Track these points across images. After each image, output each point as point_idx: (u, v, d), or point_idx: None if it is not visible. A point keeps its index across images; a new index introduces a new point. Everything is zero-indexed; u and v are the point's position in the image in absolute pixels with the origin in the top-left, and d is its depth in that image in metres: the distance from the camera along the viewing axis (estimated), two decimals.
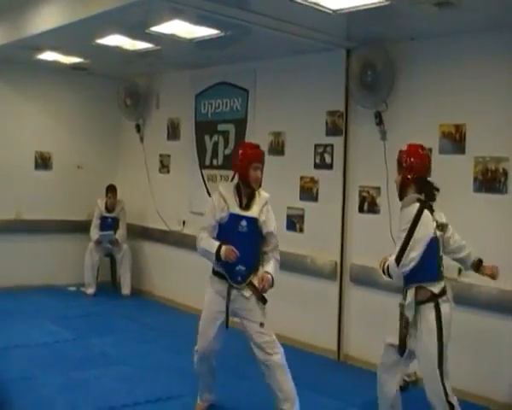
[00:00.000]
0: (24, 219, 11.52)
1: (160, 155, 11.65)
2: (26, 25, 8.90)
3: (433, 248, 5.41)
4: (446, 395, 5.23)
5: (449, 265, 7.14)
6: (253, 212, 6.09)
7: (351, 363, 8.25)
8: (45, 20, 8.47)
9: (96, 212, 11.68)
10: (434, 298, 5.32)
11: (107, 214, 11.70)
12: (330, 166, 8.51)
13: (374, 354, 7.84)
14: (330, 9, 6.54)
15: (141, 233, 11.96)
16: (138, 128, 11.97)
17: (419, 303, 5.34)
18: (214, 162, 10.39)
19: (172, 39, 8.39)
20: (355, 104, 8.13)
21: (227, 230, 6.09)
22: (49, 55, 10.35)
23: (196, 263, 10.28)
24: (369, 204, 8.08)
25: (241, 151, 6.27)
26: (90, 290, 11.54)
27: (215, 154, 10.37)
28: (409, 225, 5.30)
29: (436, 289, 5.34)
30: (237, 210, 6.07)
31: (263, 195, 6.25)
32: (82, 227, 11.83)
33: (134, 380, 7.17)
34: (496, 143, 6.88)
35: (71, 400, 6.47)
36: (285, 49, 8.74)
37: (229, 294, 6.07)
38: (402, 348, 5.48)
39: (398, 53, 7.74)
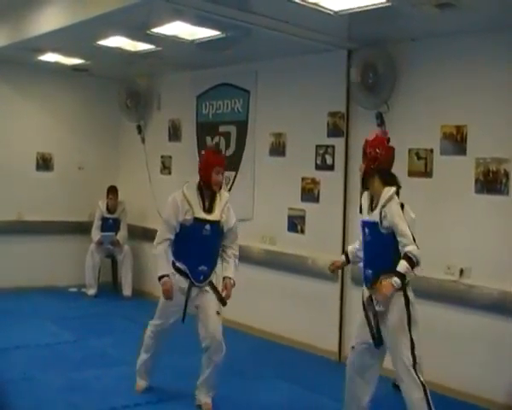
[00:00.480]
0: (25, 221, 11.54)
1: (162, 157, 11.66)
2: (28, 26, 8.91)
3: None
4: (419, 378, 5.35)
5: (450, 265, 7.20)
6: (216, 215, 6.37)
7: None
8: (47, 21, 8.48)
9: (97, 213, 11.70)
10: (403, 285, 5.41)
11: (109, 215, 11.71)
12: (331, 168, 8.51)
13: None
14: (331, 10, 6.55)
15: (142, 234, 11.94)
16: (139, 129, 11.98)
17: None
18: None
19: (173, 40, 8.40)
20: (356, 105, 8.14)
21: (190, 233, 6.34)
22: (50, 57, 10.37)
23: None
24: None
25: (204, 157, 6.60)
26: (92, 291, 11.55)
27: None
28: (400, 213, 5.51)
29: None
30: (201, 214, 6.32)
31: (223, 195, 6.52)
32: (83, 228, 11.85)
33: (135, 381, 7.16)
34: (497, 145, 6.88)
35: (71, 400, 6.47)
36: (286, 50, 8.75)
37: (189, 290, 6.37)
38: (378, 340, 5.60)
39: (399, 54, 7.75)
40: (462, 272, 7.13)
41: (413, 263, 5.36)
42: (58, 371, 7.40)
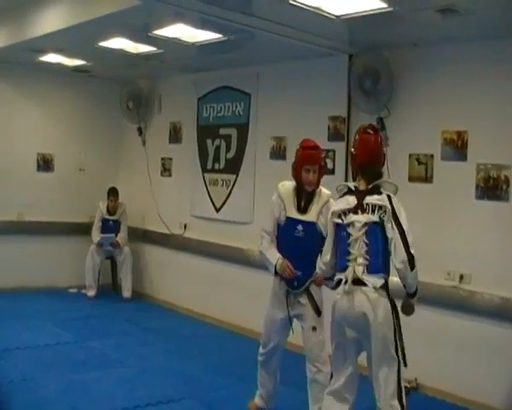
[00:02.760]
0: (25, 221, 11.54)
1: (162, 159, 11.66)
2: (30, 27, 8.93)
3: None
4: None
5: (450, 271, 7.20)
6: (311, 215, 5.94)
7: None
8: (48, 22, 8.50)
9: (97, 214, 11.70)
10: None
11: (109, 217, 11.72)
12: (332, 172, 8.49)
13: None
14: (333, 15, 6.55)
15: (142, 236, 11.97)
16: (140, 131, 11.97)
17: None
18: (216, 166, 10.38)
19: (175, 43, 8.41)
20: (357, 110, 8.13)
21: (284, 233, 6.04)
22: (52, 58, 10.38)
23: (197, 267, 10.39)
24: None
25: (297, 151, 6.13)
26: (91, 293, 11.55)
27: (217, 158, 10.36)
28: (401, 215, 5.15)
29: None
30: (294, 214, 5.97)
31: (323, 194, 6.04)
32: (83, 229, 11.85)
33: (134, 383, 7.17)
34: (498, 151, 6.88)
35: (71, 402, 6.46)
36: (288, 54, 8.74)
37: (287, 298, 6.04)
38: None
39: (400, 59, 7.74)
40: (462, 277, 7.13)
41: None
42: (58, 372, 7.40)
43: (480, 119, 7.06)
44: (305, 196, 6.00)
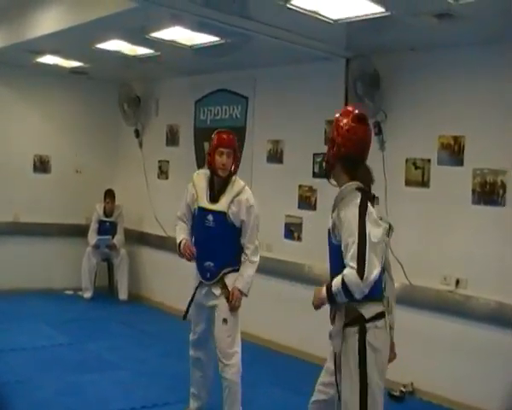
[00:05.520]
0: (21, 222, 11.53)
1: (159, 161, 11.66)
2: (27, 28, 8.92)
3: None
4: None
5: (446, 275, 7.21)
6: (221, 205, 5.80)
7: None
8: (46, 23, 8.50)
9: (94, 216, 11.72)
10: (362, 322, 4.17)
11: (106, 219, 11.73)
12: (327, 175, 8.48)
13: None
14: (330, 19, 6.55)
15: (138, 238, 11.98)
16: (137, 133, 11.96)
17: (345, 326, 4.24)
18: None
19: (172, 45, 8.41)
20: None
21: (196, 223, 5.98)
22: (49, 59, 10.37)
23: (193, 269, 10.34)
24: None
25: (212, 139, 6.05)
26: (87, 295, 11.56)
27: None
28: (356, 225, 4.04)
29: (366, 312, 4.19)
30: (205, 203, 5.86)
31: (237, 184, 5.90)
32: (80, 231, 11.84)
33: (130, 385, 7.18)
34: (494, 156, 6.89)
35: (67, 404, 6.47)
36: (285, 58, 8.73)
37: (198, 287, 6.03)
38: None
39: (397, 63, 7.76)
40: (458, 282, 7.14)
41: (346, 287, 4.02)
42: (54, 374, 7.41)
43: (476, 124, 7.07)
44: (218, 185, 5.89)
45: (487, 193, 6.94)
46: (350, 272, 3.97)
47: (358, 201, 4.11)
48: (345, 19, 6.53)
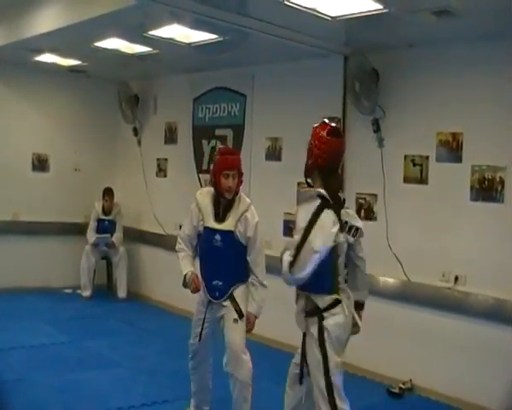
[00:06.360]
0: (21, 221, 11.52)
1: (158, 159, 11.66)
2: (25, 26, 8.90)
3: (328, 258, 4.72)
4: None
5: (445, 272, 7.21)
6: (228, 224, 5.79)
7: (346, 369, 8.24)
8: (44, 22, 8.48)
9: (92, 214, 11.71)
10: (319, 311, 4.86)
11: (104, 217, 11.73)
12: None
13: (369, 361, 7.90)
14: (329, 16, 6.54)
15: (137, 236, 11.97)
16: (136, 131, 11.97)
17: (307, 315, 4.97)
18: (211, 167, 10.28)
19: (170, 43, 8.40)
20: (352, 111, 8.12)
21: (203, 243, 5.94)
22: (47, 57, 10.35)
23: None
24: (365, 211, 8.06)
25: (215, 158, 6.10)
26: (86, 293, 11.55)
27: (212, 158, 10.28)
28: (304, 228, 4.64)
29: (322, 302, 4.87)
30: (211, 223, 5.83)
31: (243, 202, 5.90)
32: (79, 229, 11.84)
33: (129, 383, 7.18)
34: (493, 153, 6.90)
35: (66, 402, 6.48)
36: (283, 55, 8.73)
37: (207, 307, 5.96)
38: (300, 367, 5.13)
39: (396, 60, 7.76)
40: (457, 279, 7.15)
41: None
42: (53, 372, 7.41)
43: (475, 120, 7.07)
44: (223, 204, 5.86)
45: (486, 190, 6.94)
46: (286, 261, 4.67)
47: (313, 209, 4.69)
48: (343, 16, 6.53)
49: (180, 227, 10.59)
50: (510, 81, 6.80)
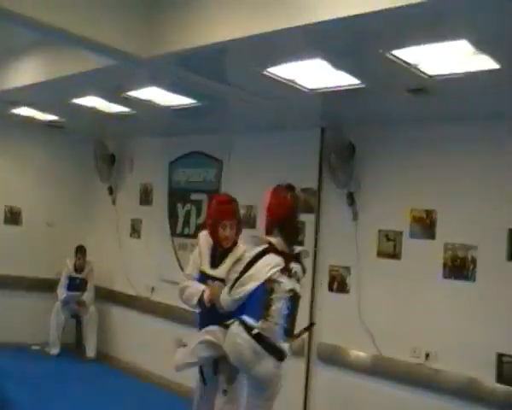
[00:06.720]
0: None
1: (132, 219, 11.58)
2: (3, 79, 8.84)
3: (261, 295, 5.35)
4: None
5: (416, 348, 7.15)
6: (221, 271, 5.80)
7: None
8: (22, 75, 8.43)
9: (64, 271, 11.58)
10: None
11: (76, 275, 11.60)
12: (301, 244, 8.42)
13: None
14: (307, 88, 6.57)
15: (109, 296, 11.83)
16: (111, 190, 11.90)
17: None
18: (186, 231, 10.32)
19: (148, 105, 8.39)
20: (328, 183, 8.12)
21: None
22: (24, 111, 10.33)
23: (161, 331, 10.25)
24: (338, 284, 8.02)
25: (210, 206, 6.09)
26: (54, 350, 11.40)
27: (187, 222, 10.31)
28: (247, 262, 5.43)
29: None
30: (207, 269, 5.85)
31: (238, 249, 5.90)
32: (49, 285, 11.67)
33: None
34: (465, 231, 6.91)
35: None
36: (261, 124, 8.77)
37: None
38: None
39: (372, 135, 7.79)
40: (428, 355, 7.09)
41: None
42: None
43: (448, 199, 7.10)
44: (219, 251, 5.88)
45: (458, 267, 6.93)
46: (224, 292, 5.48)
47: (258, 252, 5.43)
48: (321, 89, 6.55)
49: (152, 290, 10.65)
50: (484, 162, 6.85)
